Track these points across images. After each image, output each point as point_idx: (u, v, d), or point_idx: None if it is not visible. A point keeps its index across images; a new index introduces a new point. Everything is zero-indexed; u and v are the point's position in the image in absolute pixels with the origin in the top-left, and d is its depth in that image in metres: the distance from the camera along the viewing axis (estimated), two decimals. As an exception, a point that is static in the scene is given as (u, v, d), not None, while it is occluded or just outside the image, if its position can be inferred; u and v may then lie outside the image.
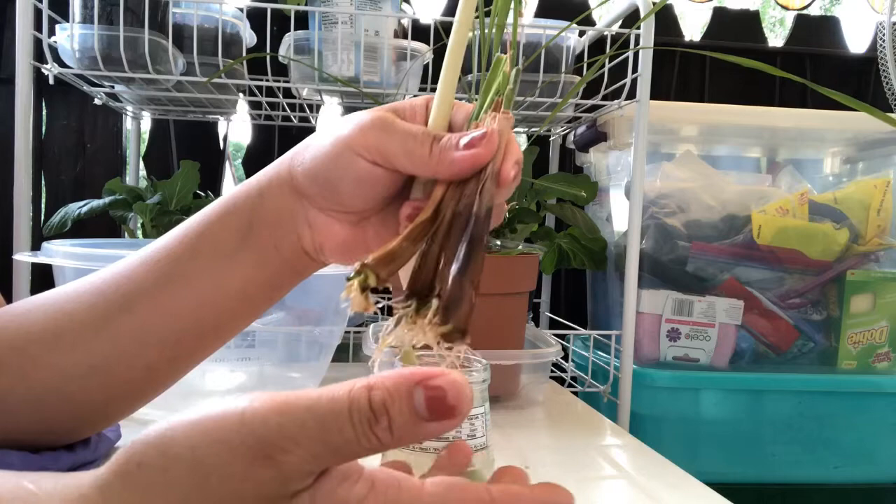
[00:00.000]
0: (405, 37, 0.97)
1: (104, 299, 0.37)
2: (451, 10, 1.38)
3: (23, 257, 0.69)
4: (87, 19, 0.86)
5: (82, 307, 0.37)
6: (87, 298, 0.38)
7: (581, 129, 1.19)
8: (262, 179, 0.37)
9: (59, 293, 0.39)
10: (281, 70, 1.07)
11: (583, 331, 1.08)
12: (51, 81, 0.89)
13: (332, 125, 0.35)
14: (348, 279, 0.29)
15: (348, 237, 0.37)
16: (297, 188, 0.36)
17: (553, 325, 1.29)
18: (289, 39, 0.97)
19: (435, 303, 0.29)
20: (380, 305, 1.11)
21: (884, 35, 1.25)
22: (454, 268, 0.29)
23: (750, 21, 1.50)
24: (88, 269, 0.61)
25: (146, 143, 1.36)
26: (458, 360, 0.49)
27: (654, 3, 0.93)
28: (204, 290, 0.37)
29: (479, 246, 0.30)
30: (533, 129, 1.18)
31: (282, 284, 0.39)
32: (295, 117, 1.24)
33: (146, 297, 0.37)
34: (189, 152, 1.34)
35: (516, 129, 1.26)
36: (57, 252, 0.65)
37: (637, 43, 0.94)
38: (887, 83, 1.26)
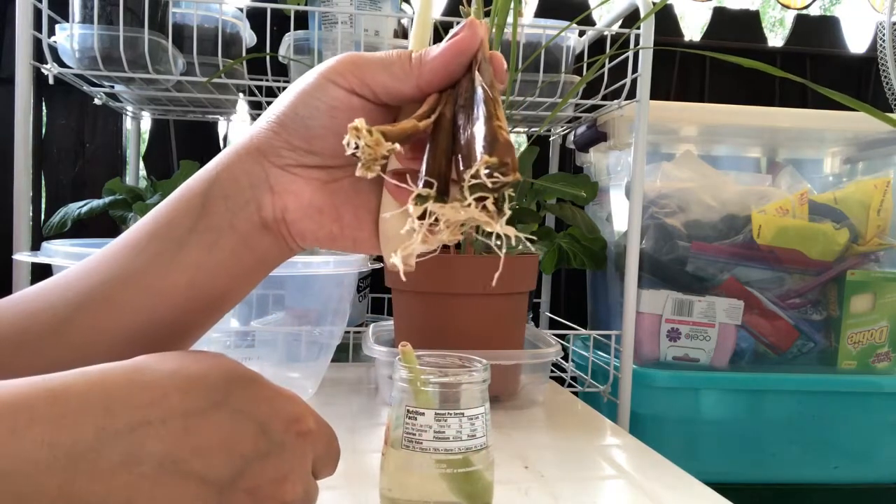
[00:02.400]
0: (405, 37, 0.97)
1: (64, 299, 0.34)
2: (451, 10, 1.38)
3: (22, 257, 0.69)
4: (86, 19, 0.86)
5: (46, 306, 0.35)
6: (51, 297, 0.35)
7: (581, 129, 1.19)
8: (219, 155, 0.34)
9: (30, 292, 0.36)
10: (281, 70, 1.07)
11: (583, 331, 1.08)
12: (51, 81, 0.89)
13: (301, 77, 0.34)
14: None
15: (315, 198, 0.33)
16: (258, 148, 0.33)
17: (553, 325, 1.29)
18: (289, 39, 0.97)
19: (468, 172, 0.25)
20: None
21: (884, 35, 1.25)
22: (478, 122, 0.27)
23: (750, 21, 1.50)
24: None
25: (146, 143, 1.36)
26: (459, 361, 0.49)
27: (654, 3, 0.93)
28: (153, 282, 0.33)
29: (495, 106, 0.28)
30: (533, 129, 1.18)
31: (236, 274, 0.34)
32: (295, 117, 1.24)
33: (100, 294, 0.33)
34: (189, 152, 1.34)
35: (516, 129, 1.26)
36: (56, 252, 0.65)
37: (637, 43, 0.94)
38: (887, 83, 1.26)
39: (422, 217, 0.26)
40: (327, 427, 0.31)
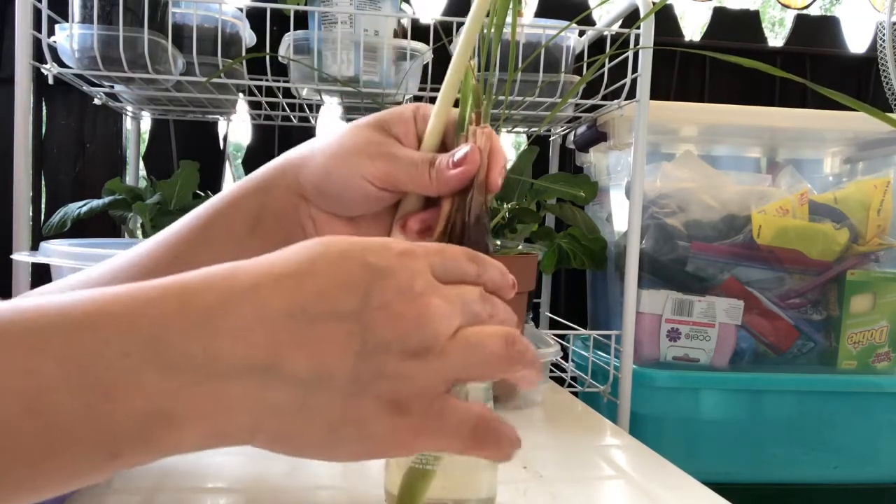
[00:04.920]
0: (405, 37, 0.97)
1: (121, 283, 0.39)
2: (450, 10, 1.38)
3: (21, 257, 0.69)
4: (86, 19, 0.86)
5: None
6: (105, 284, 0.39)
7: (581, 129, 1.19)
8: (267, 177, 0.40)
9: (76, 279, 0.41)
10: (281, 70, 1.07)
11: (583, 331, 1.08)
12: (50, 81, 0.89)
13: (337, 139, 0.39)
14: None
15: (346, 230, 0.41)
16: (301, 194, 0.40)
17: (553, 325, 1.29)
18: (288, 39, 0.97)
19: None
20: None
21: (884, 35, 1.25)
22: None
23: (750, 21, 1.50)
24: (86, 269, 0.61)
25: (146, 143, 1.36)
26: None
27: (654, 3, 0.93)
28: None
29: (477, 249, 0.36)
30: (533, 129, 1.18)
31: None
32: (295, 117, 1.24)
33: (164, 276, 0.39)
34: (189, 152, 1.34)
35: (516, 129, 1.26)
36: (55, 252, 0.65)
37: (637, 43, 0.94)
38: (887, 83, 1.26)
39: None
40: (431, 244, 0.31)
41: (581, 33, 1.12)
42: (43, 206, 1.30)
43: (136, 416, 0.23)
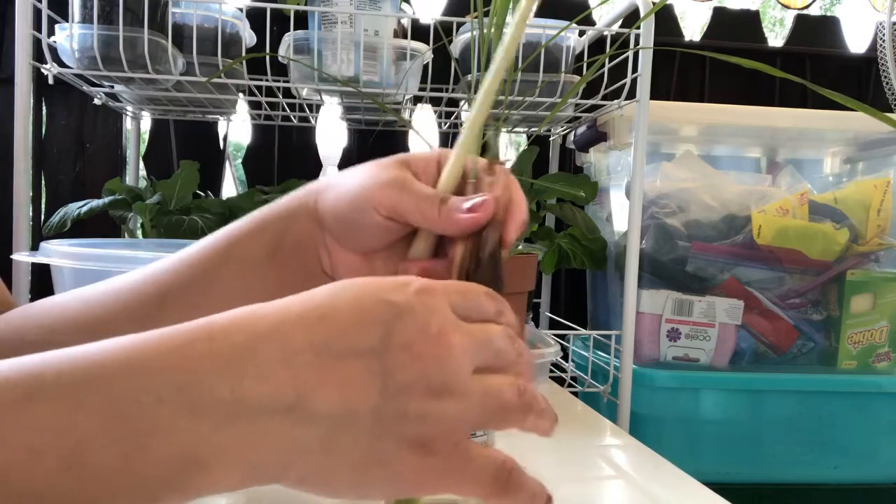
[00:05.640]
0: (405, 36, 0.97)
1: (139, 297, 0.40)
2: (450, 10, 1.38)
3: (21, 257, 0.69)
4: (86, 19, 0.86)
5: (118, 304, 0.40)
6: (123, 297, 0.40)
7: (581, 129, 1.19)
8: (290, 204, 0.41)
9: (93, 290, 0.41)
10: (281, 70, 1.07)
11: (583, 331, 1.08)
12: (50, 81, 0.89)
13: (358, 170, 0.39)
14: None
15: (359, 266, 0.41)
16: (319, 220, 0.40)
17: (553, 325, 1.29)
18: (288, 39, 0.97)
19: None
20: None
21: (884, 35, 1.25)
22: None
23: (750, 21, 1.50)
24: (86, 269, 0.61)
25: (146, 143, 1.36)
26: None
27: (654, 3, 0.93)
28: (236, 291, 0.40)
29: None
30: (533, 129, 1.18)
31: (305, 290, 0.44)
32: (295, 117, 1.24)
33: (180, 294, 0.40)
34: (189, 152, 1.33)
35: (517, 130, 1.26)
36: (55, 252, 0.65)
37: (637, 43, 0.94)
38: (887, 83, 1.26)
39: None
40: (450, 283, 0.31)
41: (581, 33, 1.12)
42: (43, 206, 1.30)
43: (172, 462, 0.24)
